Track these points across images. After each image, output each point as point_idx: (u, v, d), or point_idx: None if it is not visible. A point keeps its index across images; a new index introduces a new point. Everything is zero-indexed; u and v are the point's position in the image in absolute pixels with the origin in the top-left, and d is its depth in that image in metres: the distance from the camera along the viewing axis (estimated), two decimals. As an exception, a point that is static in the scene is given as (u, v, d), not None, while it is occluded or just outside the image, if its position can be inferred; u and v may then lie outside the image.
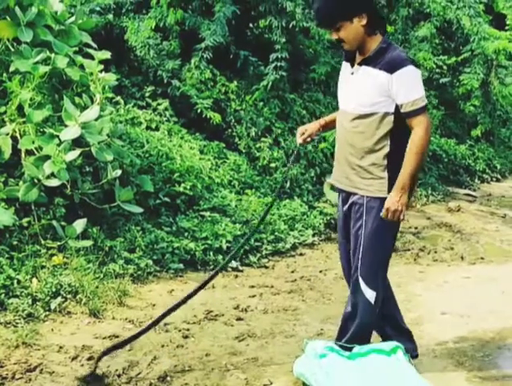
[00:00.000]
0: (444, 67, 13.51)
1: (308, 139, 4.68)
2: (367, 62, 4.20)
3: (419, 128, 4.07)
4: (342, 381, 3.95)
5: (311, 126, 4.70)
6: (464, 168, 14.06)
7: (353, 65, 4.32)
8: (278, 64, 9.35)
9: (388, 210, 4.12)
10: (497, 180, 14.85)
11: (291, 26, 9.68)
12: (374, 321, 4.46)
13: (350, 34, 4.16)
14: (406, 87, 4.07)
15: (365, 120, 4.18)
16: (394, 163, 4.15)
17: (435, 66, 12.28)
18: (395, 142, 4.16)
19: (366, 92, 4.18)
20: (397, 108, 4.12)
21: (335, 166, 4.52)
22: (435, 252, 8.33)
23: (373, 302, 4.32)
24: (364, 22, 4.14)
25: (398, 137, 4.15)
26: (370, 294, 4.32)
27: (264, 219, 5.21)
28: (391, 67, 4.08)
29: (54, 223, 5.89)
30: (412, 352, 4.54)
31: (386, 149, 4.17)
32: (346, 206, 4.42)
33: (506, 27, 13.91)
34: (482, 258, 8.13)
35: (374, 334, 4.58)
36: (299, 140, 4.69)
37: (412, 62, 4.15)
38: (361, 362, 4.10)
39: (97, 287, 5.54)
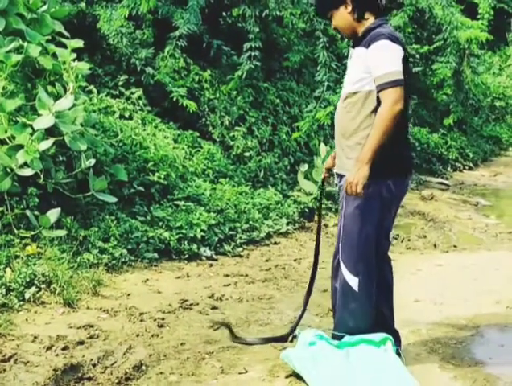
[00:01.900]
0: (417, 56, 13.62)
1: (327, 174, 4.82)
2: (357, 43, 4.29)
3: (385, 102, 4.03)
4: (327, 368, 3.98)
5: (328, 162, 4.75)
6: (436, 157, 14.18)
7: None
8: (252, 54, 9.33)
9: (346, 182, 4.10)
10: (470, 168, 15.01)
11: (264, 15, 9.68)
12: (360, 308, 4.32)
13: (339, 22, 4.36)
14: (378, 60, 4.09)
15: (351, 99, 4.23)
16: None
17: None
18: None
19: (352, 71, 4.27)
20: None
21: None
22: (409, 240, 8.40)
23: (356, 289, 4.27)
24: (349, 8, 4.27)
25: None
26: (351, 279, 4.27)
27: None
28: (368, 43, 4.14)
29: (27, 212, 5.85)
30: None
31: (370, 129, 4.11)
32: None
33: (478, 16, 14.02)
34: (455, 246, 8.23)
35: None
36: (323, 175, 4.87)
37: (390, 37, 4.10)
38: (349, 351, 4.12)
39: (71, 277, 5.51)
